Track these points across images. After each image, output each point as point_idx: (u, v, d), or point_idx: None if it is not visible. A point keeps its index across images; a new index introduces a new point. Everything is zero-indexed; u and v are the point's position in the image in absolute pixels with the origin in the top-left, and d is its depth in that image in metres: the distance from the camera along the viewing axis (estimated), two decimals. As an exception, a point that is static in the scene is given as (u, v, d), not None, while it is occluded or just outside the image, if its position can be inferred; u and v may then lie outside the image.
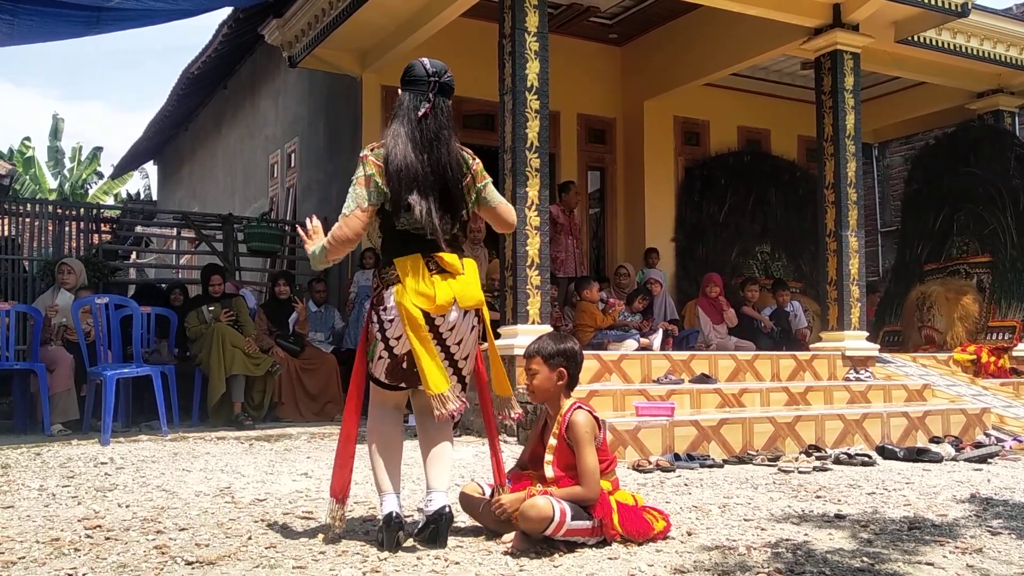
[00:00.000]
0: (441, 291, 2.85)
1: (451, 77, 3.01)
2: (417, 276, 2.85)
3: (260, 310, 7.70)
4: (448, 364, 2.93)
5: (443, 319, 2.88)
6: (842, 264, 7.67)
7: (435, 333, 2.88)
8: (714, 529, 3.21)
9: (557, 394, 3.07)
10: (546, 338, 3.14)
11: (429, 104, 2.93)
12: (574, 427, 2.96)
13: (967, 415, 6.51)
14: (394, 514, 2.83)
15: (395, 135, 2.90)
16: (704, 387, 6.20)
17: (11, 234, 8.86)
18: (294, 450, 5.38)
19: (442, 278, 2.87)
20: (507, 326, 6.20)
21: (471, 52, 7.97)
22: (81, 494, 3.84)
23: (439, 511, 2.86)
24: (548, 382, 3.06)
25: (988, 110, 10.08)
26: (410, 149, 2.87)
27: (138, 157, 17.31)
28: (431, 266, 2.88)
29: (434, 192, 2.87)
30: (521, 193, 6.13)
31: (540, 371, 3.06)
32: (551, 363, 3.05)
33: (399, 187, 2.84)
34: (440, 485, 2.92)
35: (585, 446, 2.92)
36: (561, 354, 3.06)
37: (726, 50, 8.82)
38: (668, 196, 10.18)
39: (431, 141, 2.90)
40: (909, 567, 2.69)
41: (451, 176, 2.90)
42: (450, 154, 2.92)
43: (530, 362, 3.09)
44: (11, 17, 6.55)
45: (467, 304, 2.90)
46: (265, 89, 11.47)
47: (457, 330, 2.92)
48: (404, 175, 2.84)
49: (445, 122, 2.95)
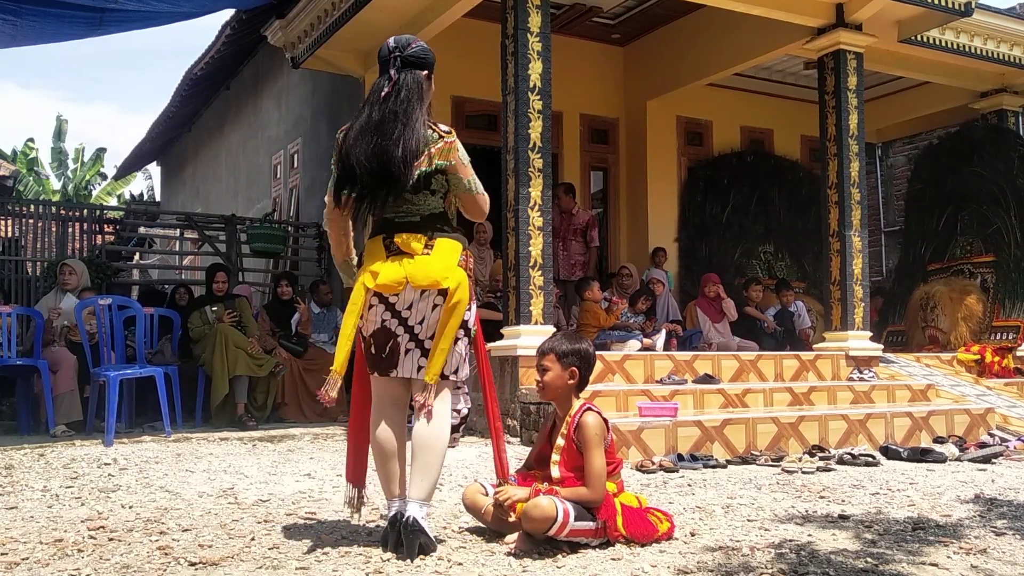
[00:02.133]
0: (387, 271, 2.86)
1: (419, 48, 2.92)
2: (372, 257, 2.91)
3: (262, 311, 7.71)
4: (414, 344, 2.90)
5: (397, 298, 2.88)
6: (845, 264, 7.66)
7: (393, 312, 2.89)
8: (717, 530, 3.21)
9: (567, 394, 3.05)
10: (561, 336, 3.13)
11: (391, 82, 2.87)
12: (583, 428, 2.95)
13: (971, 415, 6.50)
14: (398, 515, 2.81)
15: (354, 119, 2.92)
16: (707, 387, 6.19)
17: (14, 235, 8.87)
18: (297, 451, 5.38)
19: (396, 259, 2.88)
20: (510, 327, 6.20)
21: (474, 52, 7.96)
22: (84, 495, 3.84)
23: (395, 516, 2.81)
24: (559, 380, 3.04)
25: (992, 110, 10.05)
26: (356, 133, 2.87)
27: (141, 158, 17.33)
28: (389, 247, 2.89)
29: (374, 174, 2.82)
30: (524, 193, 6.13)
31: (552, 368, 3.04)
32: (564, 362, 3.04)
33: (341, 172, 2.89)
34: (413, 492, 2.80)
35: (593, 448, 2.91)
36: (575, 354, 3.05)
37: (729, 50, 8.81)
38: (671, 196, 10.17)
39: (384, 121, 2.83)
40: (913, 568, 2.68)
41: (399, 155, 2.79)
42: (406, 132, 2.81)
43: (543, 359, 3.07)
44: (15, 18, 6.57)
45: (420, 284, 2.84)
46: (268, 90, 11.48)
47: (415, 309, 2.89)
48: (345, 160, 2.87)
49: (410, 98, 2.86)
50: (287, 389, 7.27)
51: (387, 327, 2.90)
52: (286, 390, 7.26)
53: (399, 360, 2.90)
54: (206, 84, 12.36)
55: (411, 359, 2.90)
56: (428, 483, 2.82)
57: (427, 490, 2.82)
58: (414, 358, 2.90)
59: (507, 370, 6.06)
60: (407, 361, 2.90)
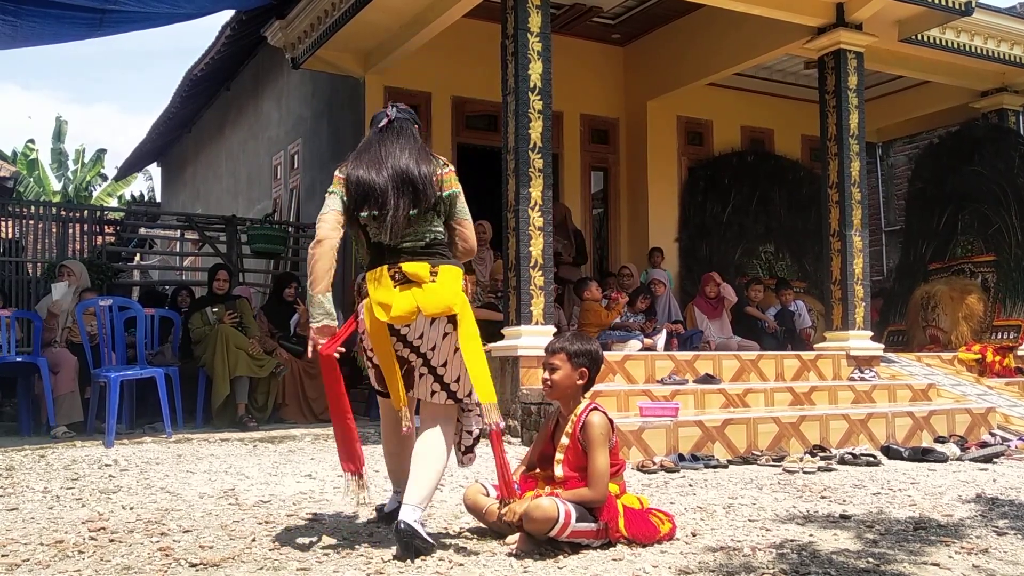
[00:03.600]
0: (400, 301, 2.86)
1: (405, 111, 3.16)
2: (378, 287, 2.91)
3: (261, 312, 7.71)
4: (428, 372, 2.96)
5: (408, 328, 2.91)
6: (846, 264, 7.65)
7: (404, 342, 2.93)
8: (719, 530, 3.20)
9: (575, 394, 3.05)
10: (572, 336, 3.12)
11: (387, 118, 3.07)
12: (589, 428, 2.94)
13: (972, 415, 6.49)
14: (394, 515, 2.86)
15: (357, 153, 3.04)
16: (708, 387, 6.19)
17: (15, 236, 8.88)
18: (298, 451, 5.38)
19: (404, 288, 2.88)
20: (511, 327, 6.19)
21: (474, 53, 7.96)
22: (85, 496, 3.84)
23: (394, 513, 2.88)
24: (568, 380, 3.03)
25: (992, 109, 10.05)
26: (369, 158, 2.97)
27: (142, 159, 17.33)
28: (396, 276, 2.90)
29: (399, 187, 2.91)
30: (524, 194, 6.12)
31: (562, 368, 3.04)
32: (574, 361, 3.03)
33: (358, 195, 2.93)
34: (407, 497, 2.82)
35: (598, 448, 2.91)
36: (586, 354, 3.05)
37: (729, 50, 8.81)
38: (671, 196, 10.16)
39: (392, 144, 3.00)
40: (915, 568, 2.68)
41: (419, 171, 2.94)
42: (418, 152, 2.99)
43: (552, 357, 3.06)
44: (15, 19, 6.57)
45: (432, 312, 2.87)
46: (268, 91, 11.48)
47: (427, 338, 2.93)
48: (361, 182, 2.93)
49: (408, 128, 3.07)
50: (288, 390, 7.27)
51: (400, 356, 2.97)
52: (287, 391, 7.26)
53: (415, 382, 3.00)
54: (206, 85, 12.35)
55: (425, 383, 2.98)
56: (422, 493, 2.84)
57: (419, 498, 2.83)
58: (428, 383, 2.98)
59: (508, 370, 6.05)
60: (422, 384, 2.99)
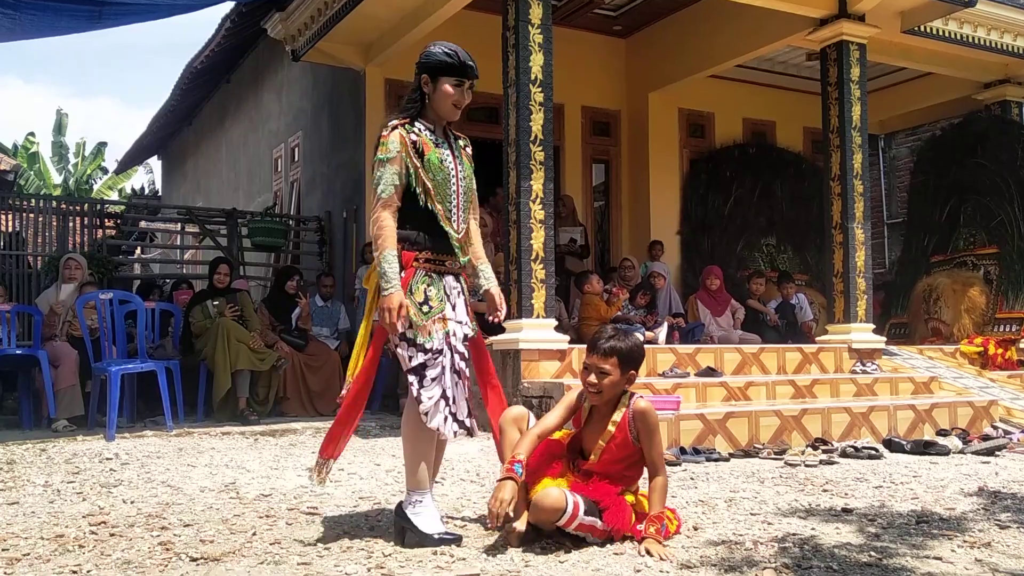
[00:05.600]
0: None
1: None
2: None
3: (262, 305, 7.70)
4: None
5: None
6: (848, 256, 7.64)
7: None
8: (720, 524, 3.19)
9: (617, 396, 2.95)
10: (621, 337, 2.91)
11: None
12: (646, 416, 2.87)
13: (974, 407, 6.48)
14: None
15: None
16: (710, 380, 6.18)
17: (15, 230, 8.88)
18: (299, 445, 5.37)
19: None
20: (512, 320, 6.18)
21: (475, 44, 7.81)
22: (86, 490, 3.84)
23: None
24: (617, 388, 2.90)
25: (995, 100, 10.01)
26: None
27: (142, 152, 17.31)
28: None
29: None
30: (525, 186, 6.11)
31: (612, 374, 2.86)
32: (625, 367, 2.87)
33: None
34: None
35: (656, 433, 2.90)
36: (638, 359, 2.92)
37: (731, 41, 8.77)
38: (673, 189, 10.14)
39: None
40: (917, 561, 2.67)
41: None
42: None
43: (604, 360, 2.86)
44: (13, 11, 6.54)
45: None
46: (268, 83, 11.45)
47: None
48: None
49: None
50: (289, 383, 7.27)
51: None
52: (288, 384, 7.26)
53: None
54: (206, 78, 12.33)
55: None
56: (407, 477, 2.92)
57: (407, 483, 2.92)
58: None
59: (509, 363, 6.05)
60: None
